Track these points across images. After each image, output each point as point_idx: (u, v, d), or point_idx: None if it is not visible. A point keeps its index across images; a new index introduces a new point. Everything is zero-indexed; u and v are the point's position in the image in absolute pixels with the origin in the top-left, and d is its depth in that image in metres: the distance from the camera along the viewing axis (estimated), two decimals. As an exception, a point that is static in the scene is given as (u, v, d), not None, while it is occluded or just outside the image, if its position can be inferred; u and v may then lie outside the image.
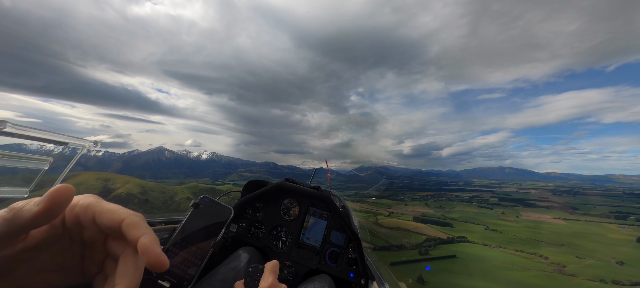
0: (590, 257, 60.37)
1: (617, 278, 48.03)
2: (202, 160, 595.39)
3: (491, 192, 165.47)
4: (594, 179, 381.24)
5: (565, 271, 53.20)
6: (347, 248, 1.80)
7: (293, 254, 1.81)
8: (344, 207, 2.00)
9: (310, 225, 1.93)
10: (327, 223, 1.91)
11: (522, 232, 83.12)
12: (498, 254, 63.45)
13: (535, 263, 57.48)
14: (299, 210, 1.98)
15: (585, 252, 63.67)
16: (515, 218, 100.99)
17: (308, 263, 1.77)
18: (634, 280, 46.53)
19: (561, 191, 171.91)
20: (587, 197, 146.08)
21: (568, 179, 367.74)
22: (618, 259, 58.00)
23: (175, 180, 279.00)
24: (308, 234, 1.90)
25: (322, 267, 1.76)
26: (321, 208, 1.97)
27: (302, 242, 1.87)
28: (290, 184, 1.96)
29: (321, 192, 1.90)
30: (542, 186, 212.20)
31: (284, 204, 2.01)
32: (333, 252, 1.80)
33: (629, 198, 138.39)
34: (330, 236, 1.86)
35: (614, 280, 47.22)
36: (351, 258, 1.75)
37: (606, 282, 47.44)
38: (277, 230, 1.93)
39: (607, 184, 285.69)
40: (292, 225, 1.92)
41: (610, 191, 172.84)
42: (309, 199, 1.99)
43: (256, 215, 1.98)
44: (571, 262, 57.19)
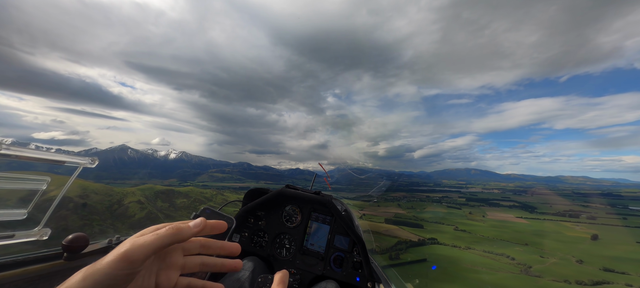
0: (552, 255, 61.68)
1: (579, 278, 48.75)
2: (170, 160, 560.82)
3: (459, 192, 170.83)
4: (547, 180, 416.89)
5: (531, 272, 53.22)
6: (351, 252, 1.79)
7: (297, 261, 1.82)
8: (346, 210, 1.95)
9: (313, 230, 1.93)
10: (330, 228, 1.90)
11: (488, 231, 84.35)
12: (468, 256, 62.73)
13: (503, 265, 57.26)
14: (301, 217, 1.97)
15: (547, 251, 65.17)
16: (482, 217, 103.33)
17: (313, 269, 1.78)
18: (594, 280, 47.28)
19: (520, 191, 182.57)
20: (543, 196, 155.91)
21: (525, 180, 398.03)
22: (577, 257, 59.72)
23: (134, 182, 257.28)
24: (312, 240, 1.90)
25: (328, 273, 1.76)
26: (323, 213, 1.97)
27: (306, 248, 1.87)
28: (291, 191, 1.94)
29: (322, 196, 1.88)
30: (504, 186, 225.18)
31: (285, 211, 2.01)
32: (338, 256, 1.80)
33: (578, 198, 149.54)
34: (334, 241, 1.85)
35: (577, 281, 47.57)
36: (356, 262, 1.74)
37: (570, 282, 47.78)
38: (281, 238, 1.94)
39: (558, 184, 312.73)
40: (295, 231, 1.93)
41: (561, 191, 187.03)
42: (310, 205, 1.99)
43: (258, 223, 1.99)
44: (536, 262, 57.74)
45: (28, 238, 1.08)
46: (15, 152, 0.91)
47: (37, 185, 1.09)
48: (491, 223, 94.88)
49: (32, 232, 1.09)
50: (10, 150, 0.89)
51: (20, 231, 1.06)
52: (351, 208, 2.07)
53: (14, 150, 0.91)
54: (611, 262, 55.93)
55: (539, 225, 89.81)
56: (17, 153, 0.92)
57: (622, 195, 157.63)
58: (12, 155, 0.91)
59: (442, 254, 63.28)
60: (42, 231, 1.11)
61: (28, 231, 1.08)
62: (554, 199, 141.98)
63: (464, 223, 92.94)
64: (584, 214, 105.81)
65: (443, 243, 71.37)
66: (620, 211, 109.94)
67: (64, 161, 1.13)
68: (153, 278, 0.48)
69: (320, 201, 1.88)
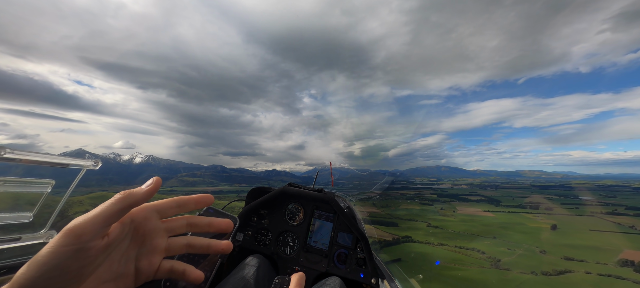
0: (518, 247, 63.69)
1: (544, 268, 50.30)
2: (136, 164, 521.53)
3: (431, 188, 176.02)
4: (508, 174, 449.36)
5: (501, 265, 54.01)
6: (355, 249, 1.80)
7: (301, 259, 1.83)
8: (348, 207, 1.99)
9: (316, 228, 1.94)
10: (333, 225, 1.91)
11: (459, 226, 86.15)
12: (441, 252, 62.67)
13: (475, 260, 57.75)
14: (304, 214, 1.98)
15: (513, 243, 67.33)
16: (452, 212, 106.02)
17: (317, 266, 1.79)
18: (558, 269, 48.85)
19: (486, 185, 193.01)
20: (506, 190, 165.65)
21: (490, 175, 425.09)
22: (541, 248, 62.17)
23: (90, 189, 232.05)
24: (315, 237, 1.91)
25: (332, 270, 1.77)
26: (326, 211, 1.97)
27: (310, 245, 1.88)
28: (294, 189, 1.96)
29: (325, 194, 1.89)
30: (471, 182, 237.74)
31: (288, 209, 2.02)
32: (341, 253, 1.81)
33: (536, 190, 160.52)
34: (337, 238, 1.86)
35: (543, 272, 48.85)
36: (360, 259, 1.76)
37: (537, 274, 48.86)
38: (284, 236, 1.95)
39: (518, 178, 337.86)
40: (298, 229, 1.94)
41: (521, 184, 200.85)
42: (313, 202, 1.99)
43: (262, 222, 2.00)
44: (504, 255, 59.01)
45: (35, 241, 1.10)
46: (20, 156, 0.93)
47: (42, 188, 1.11)
48: (461, 218, 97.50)
49: (38, 234, 1.11)
50: (14, 154, 0.90)
51: (26, 234, 1.08)
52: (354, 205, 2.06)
53: (18, 154, 0.92)
54: (570, 251, 58.78)
55: (504, 218, 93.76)
56: (22, 157, 0.94)
57: (572, 186, 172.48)
58: (16, 159, 0.93)
59: (416, 252, 62.66)
60: (48, 233, 1.14)
61: (34, 234, 1.11)
62: (515, 192, 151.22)
63: (436, 219, 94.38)
64: (542, 205, 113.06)
65: (417, 241, 71.14)
66: (572, 201, 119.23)
67: (67, 164, 1.15)
68: (131, 264, 0.43)
69: (322, 198, 1.89)
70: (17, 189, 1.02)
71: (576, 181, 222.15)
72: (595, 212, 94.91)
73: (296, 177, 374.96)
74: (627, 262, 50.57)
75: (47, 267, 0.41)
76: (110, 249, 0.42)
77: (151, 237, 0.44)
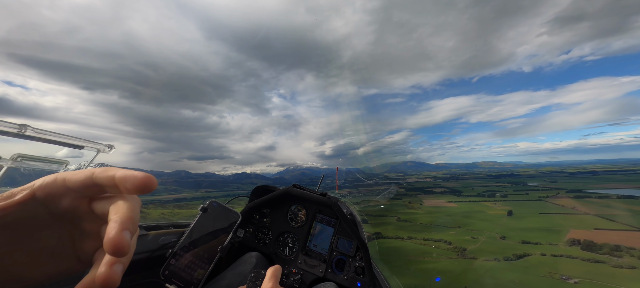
0: (480, 235, 66.33)
1: (505, 254, 52.34)
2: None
3: (399, 183, 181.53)
4: (467, 166, 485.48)
5: (466, 254, 55.23)
6: (354, 257, 1.78)
7: (299, 261, 1.82)
8: (351, 214, 1.98)
9: (317, 232, 1.93)
10: (335, 231, 1.90)
11: (426, 218, 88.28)
12: (410, 246, 62.72)
13: (443, 251, 58.54)
14: (306, 217, 1.98)
15: (476, 231, 70.14)
16: (419, 205, 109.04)
17: (314, 270, 1.77)
18: (518, 253, 50.96)
19: (448, 178, 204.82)
20: (466, 180, 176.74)
21: (450, 168, 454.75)
22: (500, 234, 65.37)
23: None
24: (315, 241, 1.90)
25: (329, 275, 1.75)
26: (328, 215, 1.97)
27: (309, 248, 1.88)
28: (298, 190, 1.95)
29: (328, 199, 1.87)
30: (435, 175, 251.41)
31: (291, 210, 2.02)
32: (340, 260, 1.79)
33: (492, 179, 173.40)
34: (337, 244, 1.85)
35: (505, 257, 50.58)
36: (359, 267, 1.73)
37: (499, 260, 50.47)
38: (284, 237, 1.95)
39: (475, 169, 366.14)
40: (299, 231, 1.93)
41: (478, 174, 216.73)
42: (316, 206, 1.99)
43: (263, 220, 2.01)
44: (469, 243, 60.79)
45: None
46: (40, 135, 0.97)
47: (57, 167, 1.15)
48: (428, 210, 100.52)
49: None
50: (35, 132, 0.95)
51: None
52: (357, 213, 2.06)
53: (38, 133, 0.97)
54: (526, 234, 62.57)
55: (466, 207, 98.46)
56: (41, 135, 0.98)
57: (520, 174, 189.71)
58: (36, 137, 0.97)
59: (387, 248, 61.95)
60: None
61: None
62: (474, 182, 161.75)
63: (405, 212, 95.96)
64: (498, 193, 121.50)
65: (387, 237, 70.84)
66: (522, 188, 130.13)
67: (83, 146, 1.19)
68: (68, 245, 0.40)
69: (326, 203, 1.85)
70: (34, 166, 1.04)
71: (523, 169, 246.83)
72: (542, 197, 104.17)
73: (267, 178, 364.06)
74: (575, 241, 54.75)
75: None
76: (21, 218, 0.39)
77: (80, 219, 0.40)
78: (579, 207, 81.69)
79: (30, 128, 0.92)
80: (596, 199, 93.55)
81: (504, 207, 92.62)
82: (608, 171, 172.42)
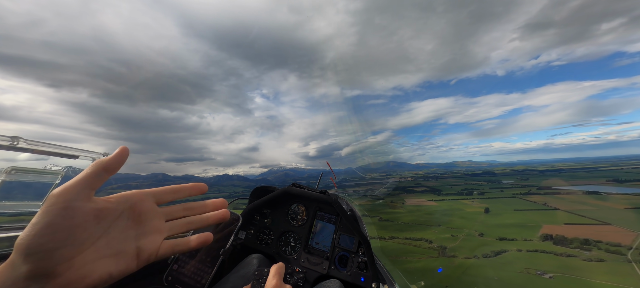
0: (460, 232, 67.24)
1: (484, 251, 53.12)
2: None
3: (381, 183, 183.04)
4: (445, 165, 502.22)
5: (447, 253, 55.44)
6: (357, 252, 1.79)
7: (302, 259, 1.83)
8: (351, 210, 2.00)
9: (318, 229, 1.94)
10: (336, 227, 1.90)
11: (408, 217, 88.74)
12: (392, 246, 62.23)
13: (424, 250, 58.49)
14: (307, 215, 1.99)
15: (455, 229, 71.12)
16: (401, 205, 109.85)
17: (318, 268, 1.78)
18: (495, 250, 51.68)
19: (428, 177, 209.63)
20: (445, 179, 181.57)
21: (430, 167, 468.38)
22: (479, 231, 66.59)
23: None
24: (317, 239, 1.91)
25: (332, 272, 1.76)
26: (329, 213, 1.98)
27: (311, 247, 1.88)
28: (297, 189, 1.97)
29: (328, 196, 1.89)
30: (415, 174, 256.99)
31: (291, 209, 2.03)
32: (343, 256, 1.80)
33: (469, 178, 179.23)
34: (339, 240, 1.85)
35: (484, 254, 51.10)
36: (361, 262, 1.74)
37: (479, 257, 50.88)
38: (286, 236, 1.95)
39: (453, 168, 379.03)
40: (300, 230, 1.94)
41: (456, 173, 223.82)
42: (316, 204, 2.00)
43: (264, 221, 2.01)
44: (449, 241, 61.29)
45: None
46: (33, 146, 0.96)
47: (52, 178, 1.14)
48: (409, 209, 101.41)
49: None
50: (28, 144, 0.94)
51: None
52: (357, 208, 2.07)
53: (31, 144, 0.95)
54: (502, 231, 64.12)
55: (446, 205, 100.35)
56: (34, 147, 0.97)
57: (495, 172, 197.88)
58: (29, 149, 0.96)
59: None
60: None
61: None
62: (452, 181, 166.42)
63: (387, 212, 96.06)
64: (475, 191, 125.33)
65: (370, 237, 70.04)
66: (497, 186, 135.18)
67: (77, 155, 1.18)
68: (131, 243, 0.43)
69: (325, 200, 1.88)
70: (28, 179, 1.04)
71: (498, 168, 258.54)
72: (516, 194, 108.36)
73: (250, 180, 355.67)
74: (547, 236, 56.63)
75: (40, 225, 0.43)
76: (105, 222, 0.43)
77: (148, 218, 0.45)
78: (551, 202, 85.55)
79: (22, 140, 0.91)
80: (564, 195, 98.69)
81: (481, 204, 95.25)
82: (573, 169, 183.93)
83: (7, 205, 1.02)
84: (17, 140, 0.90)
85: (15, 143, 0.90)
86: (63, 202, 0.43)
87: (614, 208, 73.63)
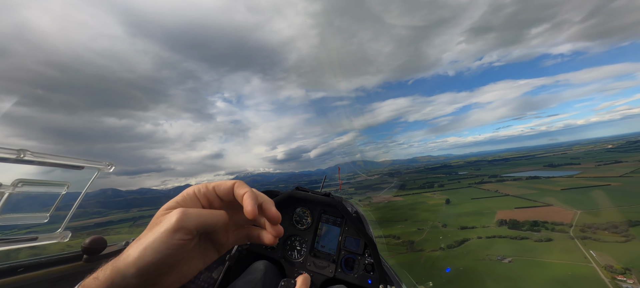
0: (425, 225, 68.56)
1: (448, 241, 54.16)
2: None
3: (349, 183, 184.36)
4: (408, 161, 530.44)
5: (415, 247, 55.53)
6: (363, 254, 1.80)
7: (309, 263, 1.83)
8: (356, 212, 2.00)
9: (323, 232, 1.95)
10: (341, 230, 1.92)
11: (376, 214, 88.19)
12: (362, 246, 60.74)
13: (392, 247, 58.01)
14: (312, 218, 1.99)
15: (421, 222, 72.57)
16: (369, 202, 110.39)
17: (324, 271, 1.78)
18: (458, 240, 52.94)
19: (393, 173, 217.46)
20: (408, 174, 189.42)
21: (394, 164, 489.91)
22: (442, 222, 68.51)
23: None
24: (322, 242, 1.92)
25: (339, 275, 1.77)
26: (334, 215, 1.99)
27: (317, 250, 1.90)
28: (301, 193, 1.97)
29: (332, 198, 1.89)
30: (381, 171, 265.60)
31: (296, 213, 2.04)
32: (349, 258, 1.81)
33: (429, 172, 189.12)
34: (345, 243, 1.86)
35: (448, 245, 51.92)
36: (368, 264, 1.75)
37: (444, 249, 51.54)
38: (291, 240, 1.96)
39: (415, 164, 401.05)
40: (305, 233, 1.95)
41: (418, 168, 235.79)
42: (320, 207, 2.01)
43: None
44: (415, 235, 61.83)
45: (50, 241, 1.17)
46: (39, 158, 1.00)
47: (58, 189, 1.17)
48: (376, 206, 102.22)
49: (54, 234, 1.19)
50: (34, 156, 0.97)
51: (43, 234, 1.15)
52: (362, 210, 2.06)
53: (37, 157, 0.99)
54: (463, 220, 66.85)
55: (410, 199, 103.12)
56: (41, 159, 1.01)
57: (452, 165, 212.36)
58: (35, 161, 1.00)
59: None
60: (63, 233, 1.21)
61: (50, 234, 1.18)
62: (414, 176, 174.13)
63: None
64: (436, 184, 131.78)
65: (338, 239, 68.07)
66: (454, 177, 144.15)
67: (82, 166, 1.21)
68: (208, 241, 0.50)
69: (330, 203, 1.88)
70: (34, 190, 1.07)
71: (454, 161, 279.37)
72: (471, 183, 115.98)
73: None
74: (503, 221, 59.99)
75: (161, 255, 0.47)
76: (200, 249, 0.49)
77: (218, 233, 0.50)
78: (501, 189, 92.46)
79: (28, 152, 0.93)
80: (512, 182, 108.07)
81: (442, 196, 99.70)
82: (516, 157, 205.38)
83: (15, 217, 1.04)
84: (23, 152, 0.92)
85: (22, 156, 0.92)
86: (186, 239, 0.48)
87: (552, 190, 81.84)
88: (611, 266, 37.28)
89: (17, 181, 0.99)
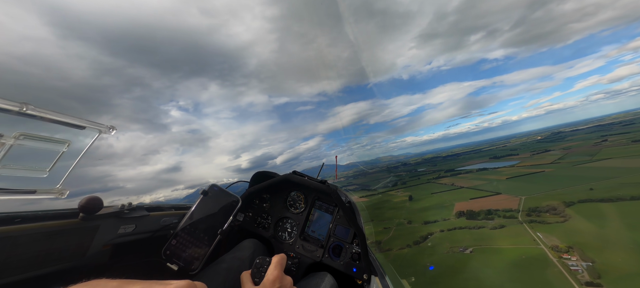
0: (391, 223, 69.00)
1: (413, 237, 54.86)
2: None
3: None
4: (371, 162, 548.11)
5: (382, 247, 54.93)
6: (351, 243, 1.85)
7: (297, 246, 1.89)
8: (350, 202, 2.05)
9: (315, 218, 2.01)
10: (333, 218, 1.97)
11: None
12: (330, 252, 58.41)
13: (361, 249, 56.63)
14: (305, 203, 2.06)
15: (386, 220, 72.99)
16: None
17: (312, 255, 1.84)
18: (423, 235, 53.69)
19: (357, 175, 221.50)
20: (372, 175, 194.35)
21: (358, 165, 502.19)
22: (407, 219, 69.59)
23: None
24: (313, 227, 1.98)
25: (326, 260, 1.82)
26: (327, 203, 2.04)
27: (307, 234, 1.96)
28: (298, 177, 2.00)
29: (328, 186, 1.92)
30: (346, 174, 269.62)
31: (290, 196, 2.10)
32: (337, 245, 1.86)
33: (392, 170, 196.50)
34: (335, 230, 1.92)
35: (415, 241, 52.26)
36: (355, 253, 1.80)
37: (411, 246, 51.70)
38: (283, 222, 2.03)
39: (378, 164, 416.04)
40: (297, 217, 2.02)
41: (381, 168, 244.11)
42: (315, 193, 2.06)
43: (263, 205, 2.09)
44: (383, 234, 61.67)
45: (48, 196, 1.17)
46: (41, 113, 0.99)
47: (58, 147, 1.16)
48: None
49: (53, 189, 1.18)
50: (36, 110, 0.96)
51: (41, 188, 1.15)
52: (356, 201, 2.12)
53: (39, 111, 0.98)
54: (425, 214, 68.90)
55: (376, 199, 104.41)
56: (43, 114, 1.00)
57: (411, 163, 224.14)
58: (37, 116, 0.98)
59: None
60: (61, 189, 1.20)
61: (49, 188, 1.18)
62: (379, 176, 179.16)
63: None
64: (398, 182, 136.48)
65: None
66: (414, 174, 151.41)
67: (84, 126, 1.22)
68: None
69: (325, 190, 1.92)
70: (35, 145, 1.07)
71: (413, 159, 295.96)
72: (430, 179, 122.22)
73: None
74: (461, 213, 62.91)
75: None
76: None
77: None
78: (456, 182, 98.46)
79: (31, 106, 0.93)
80: (465, 174, 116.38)
81: (405, 193, 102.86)
82: (465, 152, 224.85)
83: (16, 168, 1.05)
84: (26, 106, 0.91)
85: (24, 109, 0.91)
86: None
87: (499, 180, 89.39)
88: (557, 246, 40.41)
89: (19, 134, 0.98)
